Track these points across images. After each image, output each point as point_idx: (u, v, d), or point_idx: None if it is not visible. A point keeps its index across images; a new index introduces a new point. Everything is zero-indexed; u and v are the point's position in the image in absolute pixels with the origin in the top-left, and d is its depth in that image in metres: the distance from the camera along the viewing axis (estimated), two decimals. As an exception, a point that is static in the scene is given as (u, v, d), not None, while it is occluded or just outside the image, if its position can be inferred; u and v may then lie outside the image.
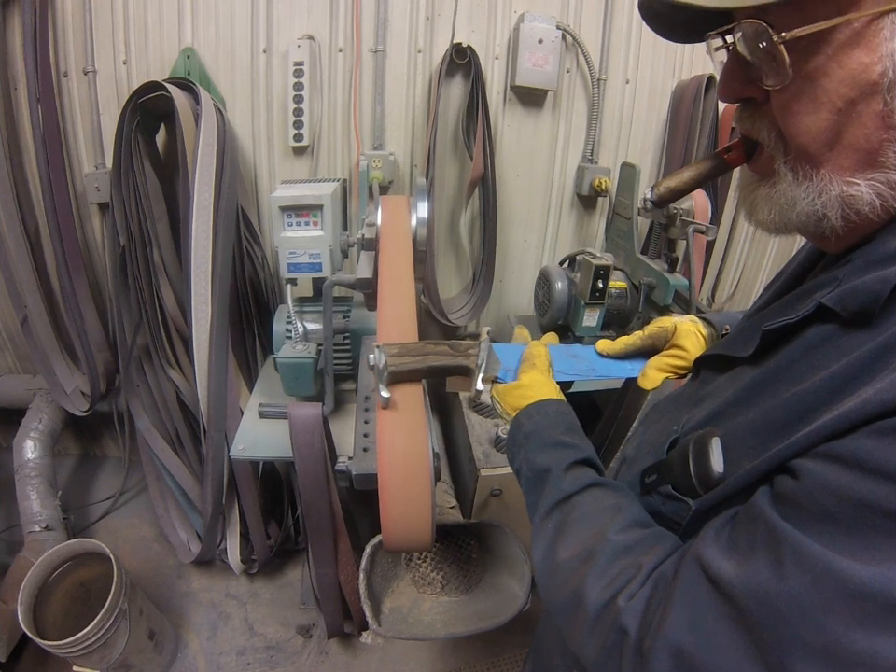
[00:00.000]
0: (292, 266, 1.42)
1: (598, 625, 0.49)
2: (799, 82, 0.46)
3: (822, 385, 0.44)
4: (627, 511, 0.57)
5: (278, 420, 1.36)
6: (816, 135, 0.46)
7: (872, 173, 0.45)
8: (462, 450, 1.74)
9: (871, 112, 0.44)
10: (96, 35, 1.72)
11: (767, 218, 0.53)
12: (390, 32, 1.80)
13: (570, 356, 0.89)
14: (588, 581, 0.51)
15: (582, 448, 0.67)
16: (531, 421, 0.71)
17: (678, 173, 0.67)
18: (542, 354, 0.82)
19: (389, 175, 1.89)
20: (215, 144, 1.57)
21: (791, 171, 0.50)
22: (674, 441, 0.59)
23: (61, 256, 1.73)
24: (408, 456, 0.73)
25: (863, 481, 0.37)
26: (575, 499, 0.60)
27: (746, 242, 2.30)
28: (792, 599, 0.37)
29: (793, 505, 0.40)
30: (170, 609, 1.94)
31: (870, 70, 0.43)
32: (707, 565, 0.43)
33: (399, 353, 0.75)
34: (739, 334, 0.61)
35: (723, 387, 0.58)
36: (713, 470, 0.50)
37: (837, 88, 0.44)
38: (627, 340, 0.87)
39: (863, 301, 0.44)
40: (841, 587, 0.36)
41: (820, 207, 0.48)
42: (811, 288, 0.52)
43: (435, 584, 1.42)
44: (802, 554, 0.38)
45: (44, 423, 1.98)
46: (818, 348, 0.47)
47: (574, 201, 2.17)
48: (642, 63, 2.02)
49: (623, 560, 0.51)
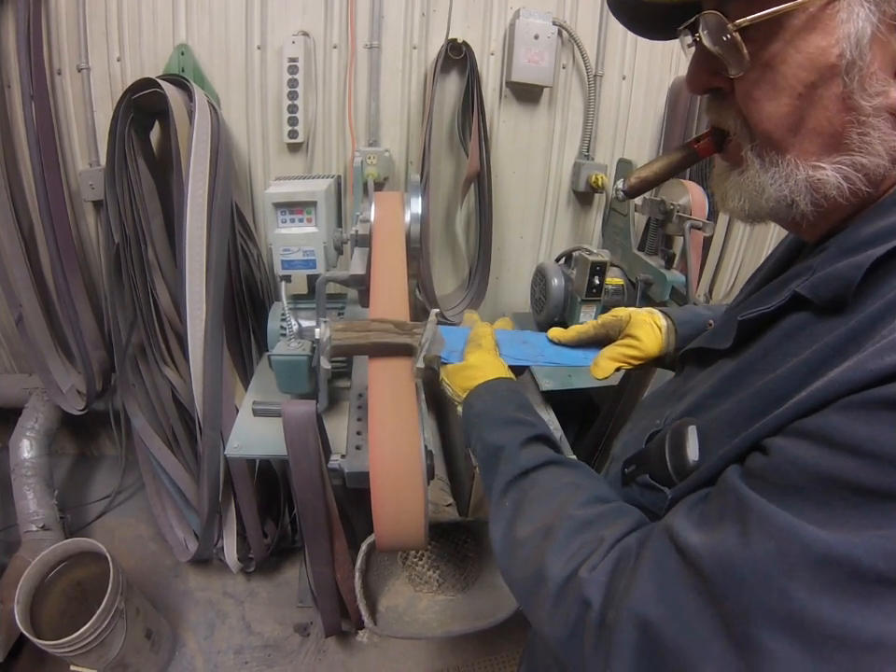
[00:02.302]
0: (286, 263, 1.41)
1: (561, 600, 0.48)
2: (759, 69, 0.46)
3: (794, 372, 0.44)
4: (587, 487, 0.57)
5: (273, 418, 1.35)
6: (778, 121, 0.47)
7: (837, 156, 0.46)
8: (458, 447, 1.74)
9: (831, 95, 0.44)
10: (90, 32, 1.71)
11: (738, 206, 0.53)
12: (385, 28, 1.79)
13: (520, 341, 0.89)
14: (549, 557, 0.50)
15: (536, 424, 0.66)
16: (481, 400, 0.71)
17: (649, 164, 0.68)
18: (488, 334, 0.82)
19: (384, 171, 1.88)
20: (209, 140, 1.56)
21: (757, 157, 0.50)
22: (654, 433, 0.59)
23: (55, 254, 1.72)
24: (399, 455, 0.72)
25: (831, 456, 0.37)
26: (532, 476, 0.59)
27: (743, 238, 2.29)
28: (757, 565, 0.37)
29: (762, 479, 0.40)
30: (167, 608, 1.93)
31: (828, 53, 0.43)
32: (675, 535, 0.43)
33: (344, 328, 0.77)
34: (720, 327, 0.61)
35: (704, 381, 0.58)
36: (688, 458, 0.50)
37: (796, 73, 0.44)
38: (580, 328, 0.88)
39: (836, 288, 0.44)
40: (806, 552, 0.35)
41: (788, 193, 0.48)
42: (787, 278, 0.52)
43: (431, 583, 1.42)
44: (767, 521, 0.37)
45: (40, 422, 1.97)
46: (792, 337, 0.47)
47: (570, 197, 2.16)
48: (639, 60, 2.02)
49: (585, 534, 0.50)
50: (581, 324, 0.88)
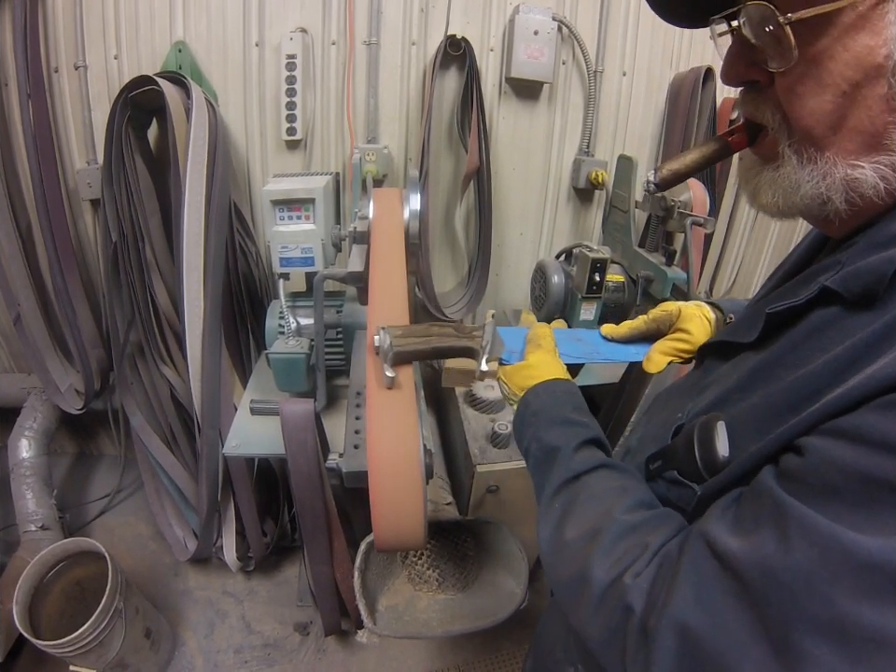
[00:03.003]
0: (284, 261, 1.41)
1: (603, 604, 0.48)
2: (804, 65, 0.46)
3: (826, 367, 0.43)
4: (634, 491, 0.57)
5: (271, 416, 1.34)
6: (820, 118, 0.46)
7: (876, 156, 0.45)
8: (458, 446, 1.73)
9: (875, 95, 0.44)
10: (87, 30, 1.70)
11: (770, 202, 0.53)
12: (384, 24, 1.78)
13: (575, 339, 0.89)
14: (594, 560, 0.50)
15: (592, 427, 0.67)
16: (539, 399, 0.71)
17: (680, 155, 0.66)
18: (547, 335, 0.82)
19: (384, 168, 1.87)
20: (206, 138, 1.55)
21: (795, 154, 0.50)
22: (678, 427, 0.59)
23: (53, 253, 1.71)
24: (398, 454, 0.71)
25: (868, 455, 0.36)
26: (584, 479, 0.59)
27: (744, 234, 2.29)
28: (798, 572, 0.37)
29: (798, 481, 0.40)
30: (167, 608, 1.93)
31: (875, 53, 0.43)
32: (712, 541, 0.43)
33: (403, 334, 0.75)
34: (743, 321, 0.61)
35: (728, 374, 0.57)
36: (718, 454, 0.50)
37: (842, 70, 0.44)
38: (632, 324, 0.87)
39: (867, 282, 0.44)
40: (848, 559, 0.35)
41: (825, 190, 0.48)
42: (815, 272, 0.52)
43: (431, 582, 1.41)
44: (807, 527, 0.37)
45: (38, 421, 1.97)
46: (822, 331, 0.47)
47: (570, 194, 2.15)
48: (639, 55, 2.01)
49: (630, 539, 0.50)
50: (632, 320, 0.88)
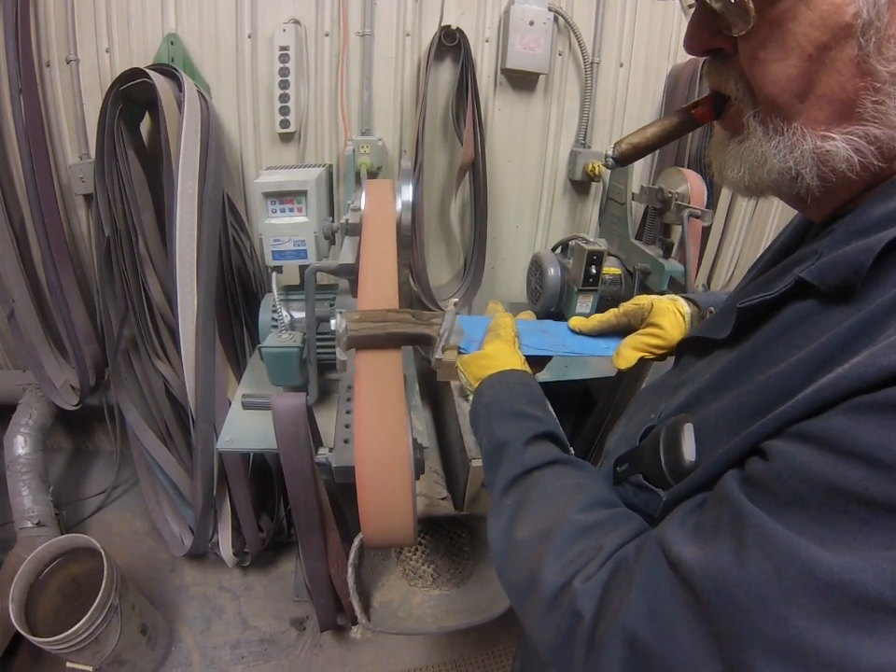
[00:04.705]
0: (277, 254, 1.39)
1: (553, 608, 0.46)
2: (766, 28, 0.42)
3: (800, 366, 0.40)
4: (590, 489, 0.54)
5: (264, 411, 1.33)
6: (785, 85, 0.43)
7: (848, 126, 0.42)
8: (453, 440, 1.72)
9: (844, 58, 0.40)
10: (78, 23, 1.68)
11: (737, 177, 0.49)
12: (378, 15, 1.76)
13: (541, 331, 0.87)
14: (545, 562, 0.48)
15: (545, 420, 0.64)
16: (492, 391, 0.69)
17: (642, 129, 0.63)
18: (508, 324, 0.79)
19: (378, 160, 1.86)
20: (199, 131, 1.54)
21: (760, 125, 0.47)
22: (648, 429, 0.56)
23: (46, 248, 1.70)
24: (386, 449, 0.70)
25: (836, 463, 0.33)
26: (535, 475, 0.57)
27: (743, 226, 2.26)
28: (753, 587, 0.34)
29: (762, 488, 0.37)
30: (163, 604, 1.92)
31: (842, 11, 0.39)
32: (667, 548, 0.40)
33: (360, 319, 0.74)
34: (719, 316, 0.58)
35: (701, 373, 0.54)
36: (684, 459, 0.47)
37: (807, 31, 0.41)
38: (601, 317, 0.85)
39: (844, 274, 0.40)
40: (807, 576, 0.32)
41: (793, 164, 0.45)
42: (791, 263, 0.49)
43: (426, 577, 1.40)
44: (766, 538, 0.34)
45: (34, 418, 1.96)
46: (796, 327, 0.44)
47: (567, 186, 2.13)
48: (636, 46, 1.98)
49: (583, 541, 0.48)
50: (602, 313, 0.86)
